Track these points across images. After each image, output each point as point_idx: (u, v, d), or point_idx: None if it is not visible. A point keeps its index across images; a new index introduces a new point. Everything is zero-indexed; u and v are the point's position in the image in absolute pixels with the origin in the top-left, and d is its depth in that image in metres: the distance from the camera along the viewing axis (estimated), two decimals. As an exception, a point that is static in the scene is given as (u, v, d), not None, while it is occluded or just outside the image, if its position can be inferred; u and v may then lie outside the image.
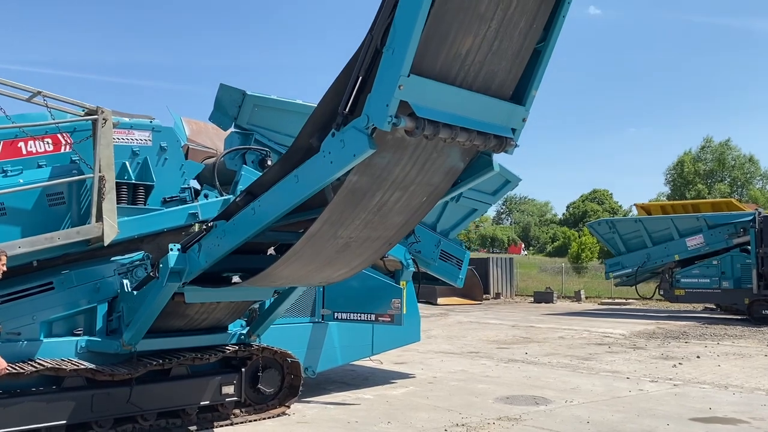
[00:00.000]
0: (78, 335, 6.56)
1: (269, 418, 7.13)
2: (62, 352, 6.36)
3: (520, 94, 4.58)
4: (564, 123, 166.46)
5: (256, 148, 7.88)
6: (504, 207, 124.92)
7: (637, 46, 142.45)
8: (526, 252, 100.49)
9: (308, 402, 7.91)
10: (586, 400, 8.17)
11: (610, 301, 27.50)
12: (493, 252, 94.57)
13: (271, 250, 6.17)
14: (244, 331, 7.21)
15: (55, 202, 6.33)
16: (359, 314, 8.31)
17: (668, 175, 71.67)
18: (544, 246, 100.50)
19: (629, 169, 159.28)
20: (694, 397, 8.37)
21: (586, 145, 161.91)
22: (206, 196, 7.38)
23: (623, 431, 6.69)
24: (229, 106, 7.96)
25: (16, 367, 5.77)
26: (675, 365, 10.92)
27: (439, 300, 25.56)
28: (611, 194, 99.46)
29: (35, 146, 6.38)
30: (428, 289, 25.76)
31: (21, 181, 6.09)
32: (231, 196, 7.46)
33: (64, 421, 5.93)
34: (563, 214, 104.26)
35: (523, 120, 4.63)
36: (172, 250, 5.59)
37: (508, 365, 10.91)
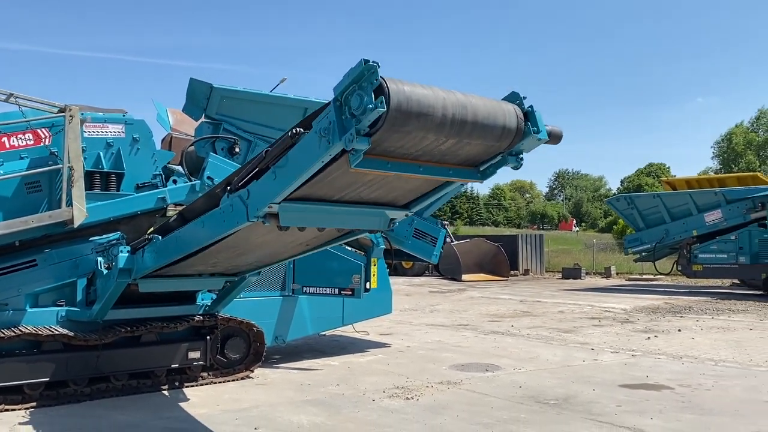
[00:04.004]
0: (60, 306, 7.48)
1: (234, 380, 7.95)
2: (45, 320, 7.26)
3: (410, 202, 4.85)
4: (627, 93, 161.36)
5: (224, 137, 8.62)
6: (556, 182, 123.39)
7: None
8: (577, 228, 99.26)
9: (277, 367, 8.70)
10: (536, 368, 8.68)
11: (638, 277, 27.44)
12: (543, 228, 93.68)
13: None
14: (210, 303, 8.01)
15: (32, 190, 7.20)
16: (325, 288, 9.03)
17: (716, 149, 69.45)
18: (597, 222, 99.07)
19: (690, 142, 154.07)
20: (642, 366, 8.76)
21: (649, 117, 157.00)
22: (175, 182, 8.16)
23: (548, 395, 7.19)
24: (199, 98, 8.71)
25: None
26: (649, 338, 11.24)
27: (464, 276, 26.01)
28: (668, 168, 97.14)
29: (17, 141, 7.28)
30: (452, 266, 26.29)
31: (1, 171, 6.99)
32: (198, 181, 8.24)
33: (45, 379, 6.89)
34: (617, 188, 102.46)
35: (407, 215, 5.00)
36: (122, 252, 6.38)
37: (486, 336, 11.46)
